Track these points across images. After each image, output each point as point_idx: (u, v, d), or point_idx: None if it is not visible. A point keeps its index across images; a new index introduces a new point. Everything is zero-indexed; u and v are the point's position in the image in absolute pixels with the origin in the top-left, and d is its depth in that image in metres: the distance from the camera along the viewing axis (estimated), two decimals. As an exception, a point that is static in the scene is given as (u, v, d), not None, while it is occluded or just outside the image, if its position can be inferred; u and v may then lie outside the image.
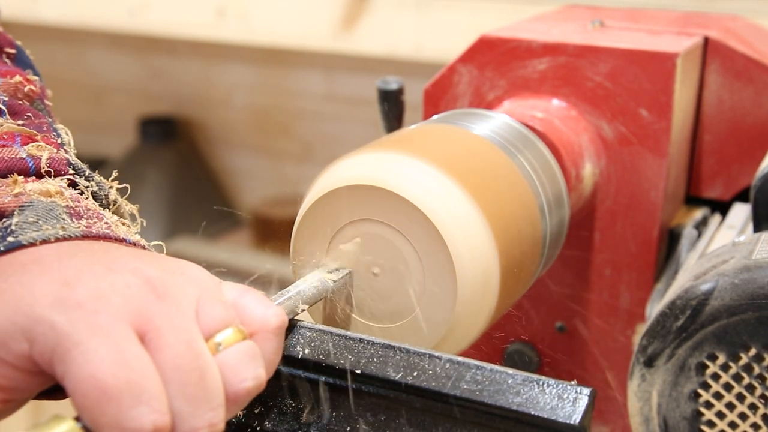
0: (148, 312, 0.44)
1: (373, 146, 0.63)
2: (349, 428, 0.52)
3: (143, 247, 0.52)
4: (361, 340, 0.53)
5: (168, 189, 2.30)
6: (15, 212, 0.49)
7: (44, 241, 0.47)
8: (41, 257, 0.46)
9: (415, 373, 0.50)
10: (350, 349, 0.53)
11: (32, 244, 0.47)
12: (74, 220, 0.50)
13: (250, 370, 0.46)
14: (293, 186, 2.35)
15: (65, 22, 2.10)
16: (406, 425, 0.51)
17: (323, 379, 0.52)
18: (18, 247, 0.47)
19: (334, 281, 0.59)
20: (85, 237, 0.49)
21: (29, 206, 0.50)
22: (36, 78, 0.61)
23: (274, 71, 2.29)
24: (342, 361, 0.52)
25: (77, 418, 0.42)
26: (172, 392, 0.43)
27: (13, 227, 0.48)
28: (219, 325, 0.46)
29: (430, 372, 0.50)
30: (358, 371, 0.51)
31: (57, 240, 0.48)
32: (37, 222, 0.49)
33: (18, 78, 0.59)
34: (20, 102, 0.58)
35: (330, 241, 0.61)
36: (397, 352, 0.52)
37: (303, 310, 0.56)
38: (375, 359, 0.52)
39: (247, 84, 2.35)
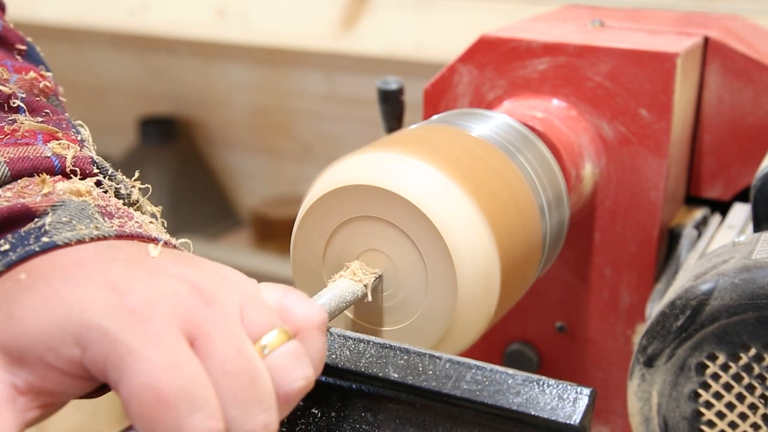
0: (196, 318, 0.44)
1: (373, 146, 0.63)
2: (349, 428, 0.52)
3: (174, 247, 0.52)
4: (361, 340, 0.53)
5: (168, 189, 2.30)
6: (47, 212, 0.49)
7: (79, 242, 0.47)
8: (81, 260, 0.45)
9: (415, 373, 0.50)
10: (350, 349, 0.52)
11: (67, 245, 0.46)
12: (106, 219, 0.50)
13: (299, 370, 0.46)
14: (293, 186, 2.36)
15: (65, 22, 2.10)
16: (406, 425, 0.51)
17: (323, 379, 0.52)
18: (53, 247, 0.46)
19: (365, 285, 0.59)
20: (118, 237, 0.49)
21: (61, 206, 0.49)
22: (49, 74, 0.60)
23: (274, 71, 2.29)
24: (342, 361, 0.52)
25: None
26: (224, 397, 0.42)
27: (47, 227, 0.47)
28: (263, 329, 0.46)
29: (430, 372, 0.50)
30: (358, 371, 0.51)
31: (92, 240, 0.47)
32: (71, 222, 0.48)
33: (32, 74, 0.58)
34: (37, 98, 0.57)
35: (330, 241, 0.61)
36: (397, 352, 0.52)
37: (336, 315, 0.56)
38: (375, 359, 0.52)
39: (247, 84, 2.35)
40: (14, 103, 0.56)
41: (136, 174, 0.58)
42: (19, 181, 0.51)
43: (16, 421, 0.42)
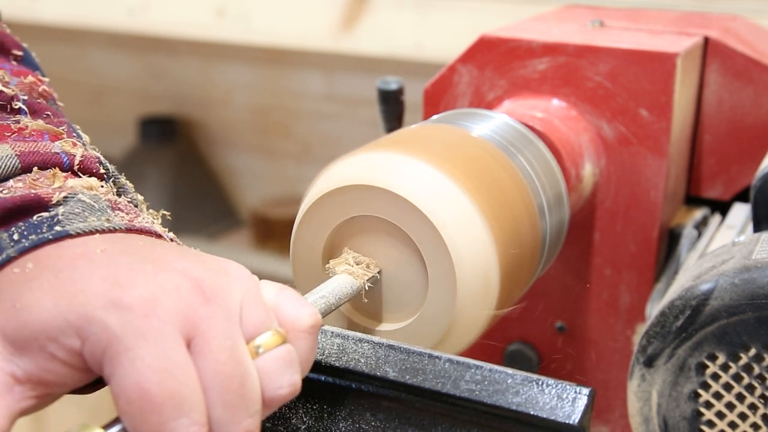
0: (196, 316, 0.44)
1: (372, 146, 0.63)
2: (348, 428, 0.52)
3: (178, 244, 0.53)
4: (360, 340, 0.53)
5: (168, 189, 2.30)
6: (60, 203, 0.49)
7: (90, 233, 0.48)
8: (88, 252, 0.46)
9: (415, 373, 0.50)
10: (349, 349, 0.52)
11: (79, 235, 0.47)
12: (116, 213, 0.51)
13: (287, 377, 0.46)
14: (293, 186, 2.35)
15: (65, 22, 2.10)
16: (406, 425, 0.51)
17: (323, 378, 0.52)
18: (65, 236, 0.47)
19: (364, 281, 0.59)
20: (128, 230, 0.50)
21: (74, 197, 0.50)
22: (46, 79, 0.61)
23: (274, 71, 2.29)
24: (341, 361, 0.52)
25: (105, 427, 0.42)
26: (212, 399, 0.43)
27: (60, 217, 0.48)
28: (259, 329, 0.46)
29: (430, 372, 0.50)
30: (358, 371, 0.51)
31: (102, 232, 0.48)
32: (83, 213, 0.49)
33: (31, 78, 0.59)
34: (38, 101, 0.58)
35: (330, 240, 0.61)
36: (397, 352, 0.52)
37: (334, 309, 0.56)
38: (374, 359, 0.52)
39: (247, 84, 2.35)
40: (16, 105, 0.56)
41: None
42: (29, 173, 0.52)
43: (10, 410, 0.43)
